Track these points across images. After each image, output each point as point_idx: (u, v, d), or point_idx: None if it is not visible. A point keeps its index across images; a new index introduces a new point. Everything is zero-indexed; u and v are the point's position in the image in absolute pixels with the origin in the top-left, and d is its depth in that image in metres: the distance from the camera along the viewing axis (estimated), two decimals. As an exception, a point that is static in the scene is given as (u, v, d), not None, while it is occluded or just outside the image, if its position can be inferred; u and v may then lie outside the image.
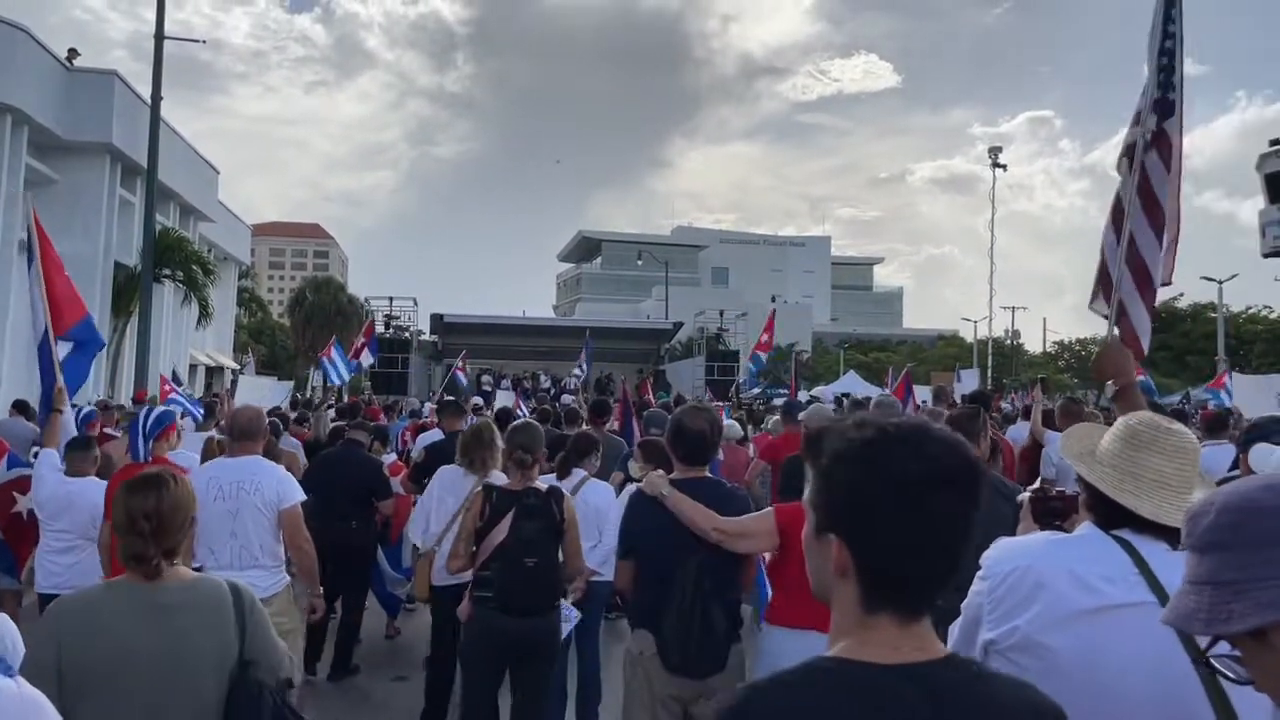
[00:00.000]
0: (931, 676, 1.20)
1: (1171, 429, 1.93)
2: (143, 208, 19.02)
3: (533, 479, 4.39)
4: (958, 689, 1.20)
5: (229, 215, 34.51)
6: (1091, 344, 63.11)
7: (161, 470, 2.67)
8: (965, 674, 1.24)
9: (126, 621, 2.43)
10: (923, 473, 1.20)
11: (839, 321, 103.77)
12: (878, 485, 1.21)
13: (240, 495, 4.60)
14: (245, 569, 4.53)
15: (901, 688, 1.18)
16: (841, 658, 1.22)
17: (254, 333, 51.24)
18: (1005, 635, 1.80)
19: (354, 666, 6.74)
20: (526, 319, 39.74)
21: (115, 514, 2.56)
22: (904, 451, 1.21)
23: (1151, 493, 1.86)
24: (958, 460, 1.23)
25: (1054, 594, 1.77)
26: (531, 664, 4.34)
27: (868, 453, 1.23)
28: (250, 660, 2.54)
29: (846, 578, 1.24)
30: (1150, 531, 1.84)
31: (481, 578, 4.27)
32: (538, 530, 4.20)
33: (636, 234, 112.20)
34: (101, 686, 2.38)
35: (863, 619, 1.24)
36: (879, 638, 1.22)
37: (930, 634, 1.25)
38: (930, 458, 1.21)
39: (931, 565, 1.23)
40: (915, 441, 1.22)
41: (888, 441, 1.23)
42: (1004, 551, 1.91)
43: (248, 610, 2.59)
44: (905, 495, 1.19)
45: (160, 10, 17.73)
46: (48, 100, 20.16)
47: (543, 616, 4.25)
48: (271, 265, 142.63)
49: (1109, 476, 1.91)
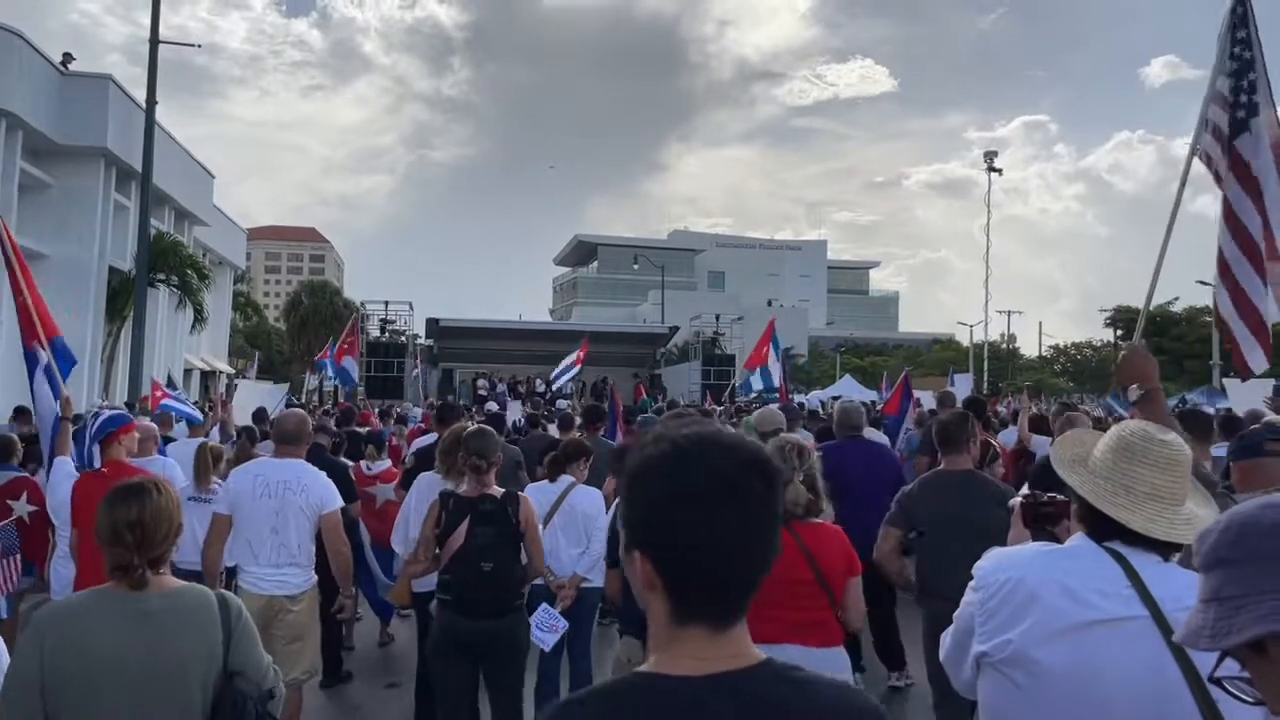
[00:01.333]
0: (740, 685, 1.19)
1: (1164, 440, 1.91)
2: (138, 212, 18.96)
3: (488, 485, 4.45)
4: (769, 696, 1.19)
5: (224, 219, 34.49)
6: (1087, 348, 63.27)
7: (144, 480, 2.65)
8: (778, 680, 1.22)
9: (111, 630, 2.42)
10: (706, 482, 1.20)
11: (835, 325, 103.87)
12: (666, 498, 1.21)
13: (285, 495, 4.79)
14: (283, 566, 4.78)
15: (708, 698, 1.17)
16: (650, 672, 1.22)
17: (249, 337, 51.22)
18: (998, 648, 1.80)
19: (346, 674, 6.72)
20: (522, 323, 39.69)
21: (99, 525, 2.53)
22: (689, 463, 1.21)
23: (1143, 505, 1.84)
24: (743, 466, 1.21)
25: (1047, 608, 1.76)
26: (495, 663, 4.43)
27: (656, 466, 1.23)
28: (235, 671, 2.53)
29: (655, 591, 1.24)
30: (1142, 544, 1.83)
31: (443, 581, 4.39)
32: (493, 535, 4.31)
33: (633, 238, 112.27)
34: (86, 695, 2.37)
35: (673, 631, 1.23)
36: (689, 649, 1.21)
37: (744, 641, 1.24)
38: (713, 467, 1.21)
39: (730, 573, 1.22)
40: (700, 452, 1.22)
41: (675, 454, 1.23)
42: (997, 562, 1.90)
43: (234, 620, 2.58)
44: (692, 505, 1.19)
45: (155, 15, 17.71)
46: (42, 104, 20.14)
47: (501, 618, 4.35)
48: (267, 269, 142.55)
49: (1100, 488, 1.89)
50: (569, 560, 5.23)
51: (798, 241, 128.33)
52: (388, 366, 26.72)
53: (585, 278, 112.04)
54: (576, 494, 5.38)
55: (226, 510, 4.82)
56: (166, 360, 26.82)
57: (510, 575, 4.39)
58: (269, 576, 4.75)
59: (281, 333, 57.63)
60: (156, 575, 2.54)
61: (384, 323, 28.18)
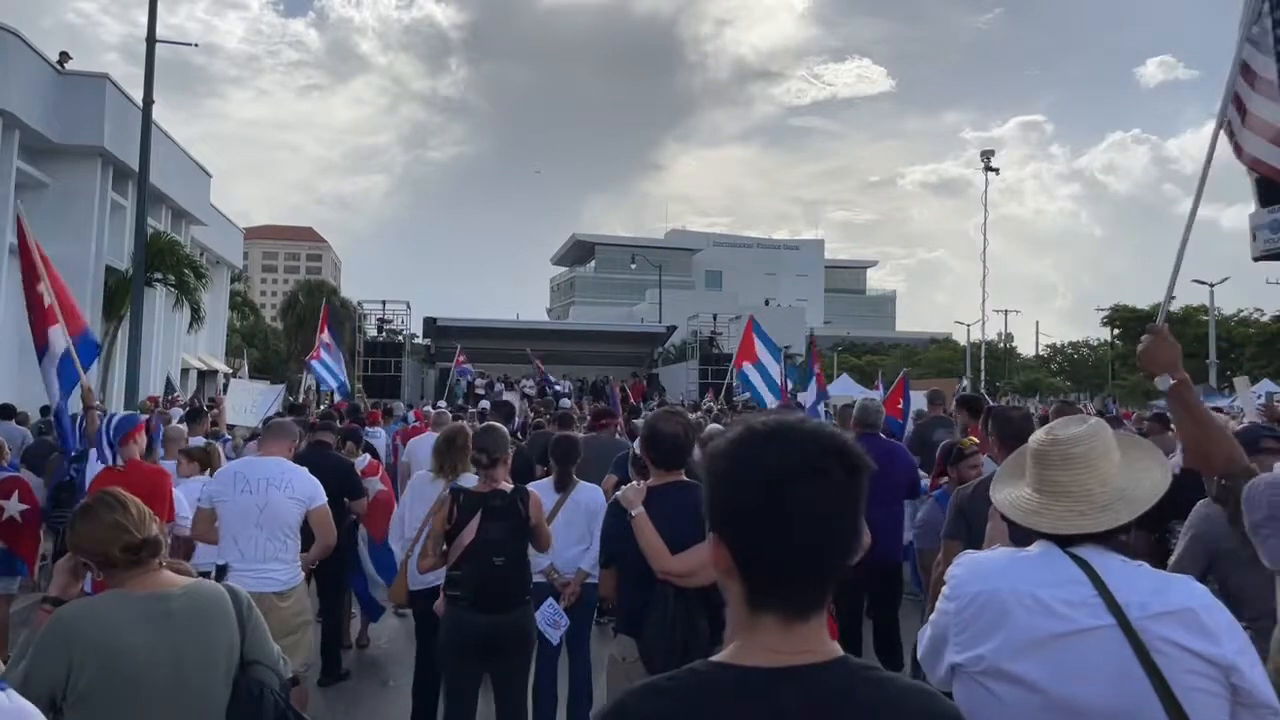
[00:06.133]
0: (813, 680, 1.16)
1: (1059, 438, 1.95)
2: (134, 211, 18.88)
3: (498, 480, 4.50)
4: (842, 694, 1.16)
5: (221, 219, 34.41)
6: (1085, 347, 63.27)
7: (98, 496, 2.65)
8: (854, 678, 1.18)
9: (141, 632, 2.42)
10: (786, 465, 1.18)
11: (832, 325, 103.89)
12: (744, 480, 1.20)
13: (269, 491, 4.84)
14: (267, 561, 4.81)
15: (777, 692, 1.14)
16: (721, 661, 1.20)
17: (246, 336, 51.12)
18: (972, 661, 1.82)
19: (344, 672, 6.72)
20: (520, 322, 39.73)
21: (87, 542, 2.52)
22: (768, 445, 1.20)
23: (1052, 506, 1.90)
24: (823, 451, 1.19)
25: (1017, 622, 1.79)
26: (505, 659, 4.46)
27: (735, 450, 1.22)
28: (252, 661, 2.57)
29: (731, 577, 1.22)
30: (1106, 544, 1.86)
31: (453, 577, 4.42)
32: (504, 530, 4.37)
33: (630, 237, 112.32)
34: (119, 698, 2.37)
35: (748, 619, 1.21)
36: (762, 640, 1.19)
37: (820, 636, 1.21)
38: (793, 450, 1.19)
39: (805, 561, 1.19)
40: (780, 435, 1.21)
41: (754, 437, 1.22)
42: (969, 572, 1.93)
43: (245, 611, 2.62)
44: (770, 488, 1.17)
45: (152, 14, 17.66)
46: (39, 104, 20.09)
47: (512, 612, 4.39)
48: (264, 269, 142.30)
49: (1021, 500, 1.96)
50: (573, 557, 5.23)
51: (795, 241, 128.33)
52: (385, 366, 26.72)
53: (583, 277, 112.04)
54: (580, 491, 5.39)
55: (206, 505, 4.93)
56: (164, 360, 26.77)
57: (521, 569, 4.46)
58: (255, 572, 4.72)
59: (278, 332, 57.53)
60: (162, 570, 2.56)
61: (381, 322, 28.17)
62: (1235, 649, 1.70)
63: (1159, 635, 1.70)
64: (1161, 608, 1.73)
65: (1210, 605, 1.75)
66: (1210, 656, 1.68)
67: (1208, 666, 1.68)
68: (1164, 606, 1.73)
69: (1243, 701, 1.70)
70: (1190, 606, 1.73)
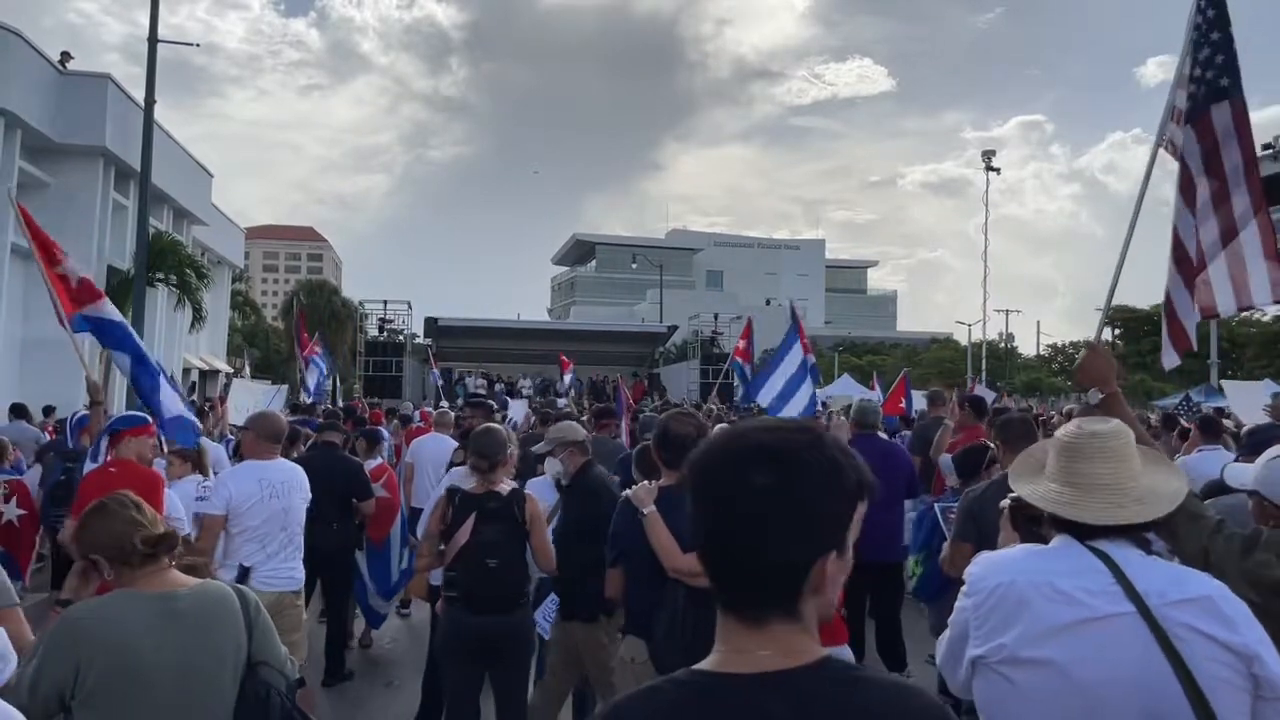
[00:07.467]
0: (795, 685, 1.13)
1: (1096, 433, 1.98)
2: (136, 211, 18.91)
3: (495, 482, 4.48)
4: (826, 698, 1.14)
5: (223, 219, 34.39)
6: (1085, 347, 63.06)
7: (111, 496, 2.66)
8: (837, 680, 1.16)
9: (150, 631, 2.43)
10: (710, 464, 1.19)
11: (833, 324, 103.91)
12: (693, 483, 1.21)
13: (291, 493, 4.97)
14: (290, 561, 4.95)
15: (759, 699, 1.12)
16: (703, 669, 1.18)
17: (247, 336, 51.17)
18: (993, 652, 1.84)
19: (348, 672, 6.72)
20: (520, 322, 39.66)
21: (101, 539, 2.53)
22: (712, 449, 1.21)
23: (1093, 499, 1.91)
24: (765, 444, 1.17)
25: (1038, 610, 1.80)
26: (502, 660, 4.45)
27: (695, 454, 1.24)
28: (259, 662, 2.57)
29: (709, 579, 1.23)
30: (1123, 537, 1.88)
31: (449, 578, 4.42)
32: (498, 533, 4.35)
33: (631, 237, 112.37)
34: (128, 698, 2.37)
35: (720, 622, 1.20)
36: (730, 642, 1.18)
37: (799, 635, 1.17)
38: (730, 453, 1.19)
39: (744, 560, 1.16)
40: (730, 436, 1.22)
41: (712, 440, 1.24)
42: (987, 568, 1.94)
43: (253, 613, 2.63)
44: (699, 491, 1.19)
45: (154, 14, 17.67)
46: (40, 103, 20.08)
47: (507, 614, 4.37)
48: (265, 268, 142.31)
49: (1052, 493, 1.96)
50: None
51: (795, 240, 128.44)
52: (386, 366, 26.70)
53: (583, 277, 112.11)
54: None
55: (222, 511, 4.80)
56: (165, 360, 26.77)
57: (516, 572, 4.42)
58: (282, 573, 4.88)
59: (279, 332, 57.54)
60: (171, 570, 2.57)
61: (382, 322, 28.14)
62: (1256, 638, 1.72)
63: (1179, 622, 1.72)
64: (1180, 595, 1.76)
65: (1228, 595, 1.78)
66: (1230, 644, 1.70)
67: (1229, 655, 1.70)
68: (1183, 594, 1.76)
69: (1264, 694, 1.71)
70: (1209, 594, 1.76)
